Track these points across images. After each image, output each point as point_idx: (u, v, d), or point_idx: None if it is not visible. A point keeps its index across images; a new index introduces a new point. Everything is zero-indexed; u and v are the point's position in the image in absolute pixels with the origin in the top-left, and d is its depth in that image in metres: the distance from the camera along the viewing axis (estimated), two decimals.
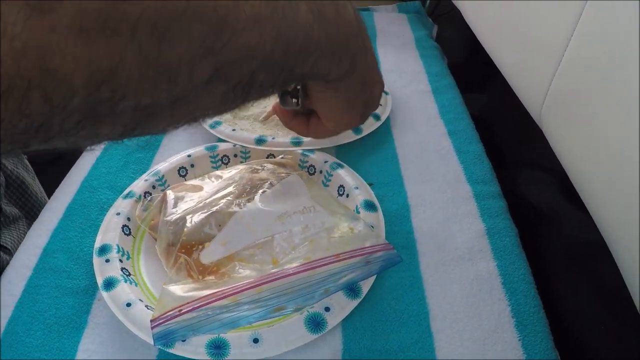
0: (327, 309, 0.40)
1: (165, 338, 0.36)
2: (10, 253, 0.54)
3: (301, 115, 0.43)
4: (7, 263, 0.48)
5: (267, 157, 0.59)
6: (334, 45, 0.31)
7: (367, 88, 0.38)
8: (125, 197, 0.52)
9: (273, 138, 0.59)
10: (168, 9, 0.20)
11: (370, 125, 0.63)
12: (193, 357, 0.38)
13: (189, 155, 0.58)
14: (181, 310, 0.36)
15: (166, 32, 0.21)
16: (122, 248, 0.46)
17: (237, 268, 0.40)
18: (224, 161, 0.59)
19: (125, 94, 0.21)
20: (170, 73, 0.22)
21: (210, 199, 0.46)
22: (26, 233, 0.51)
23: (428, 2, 1.12)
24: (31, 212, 0.70)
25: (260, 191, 0.46)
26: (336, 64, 0.32)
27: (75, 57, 0.19)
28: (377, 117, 0.65)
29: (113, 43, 0.19)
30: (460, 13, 0.82)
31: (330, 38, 0.30)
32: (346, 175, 0.54)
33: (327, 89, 0.36)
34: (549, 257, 0.54)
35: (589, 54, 0.40)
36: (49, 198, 0.58)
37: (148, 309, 0.40)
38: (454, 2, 0.87)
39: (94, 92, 0.20)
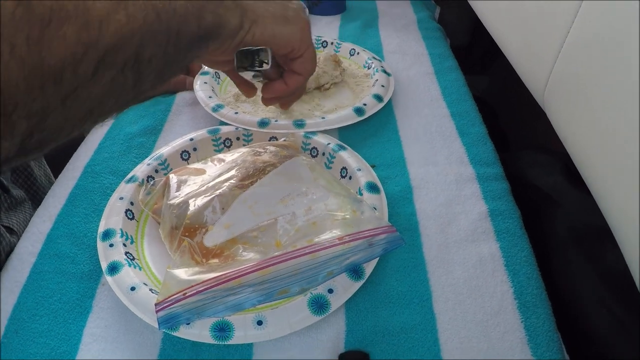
0: (330, 291, 0.40)
1: (170, 321, 0.36)
2: (17, 235, 0.54)
3: (276, 80, 0.49)
4: (14, 244, 0.49)
5: (269, 140, 0.58)
6: None
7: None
8: (128, 181, 0.52)
9: (276, 120, 0.59)
10: (37, 18, 0.22)
11: (372, 107, 0.63)
12: (197, 340, 0.38)
13: (191, 139, 0.58)
14: (186, 293, 0.36)
15: (40, 40, 0.22)
16: (126, 232, 0.47)
17: (240, 251, 0.40)
18: (226, 144, 0.59)
19: (17, 104, 0.22)
20: (55, 76, 0.23)
21: (213, 182, 0.46)
22: (31, 216, 0.52)
23: None
24: (36, 195, 0.70)
25: (263, 174, 0.46)
26: (224, 8, 0.35)
27: None
28: (380, 99, 0.65)
29: None
30: None
31: None
32: (349, 157, 0.54)
33: (256, 27, 0.40)
34: (552, 239, 0.54)
35: (592, 36, 0.40)
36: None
37: (152, 292, 0.40)
38: None
39: None
